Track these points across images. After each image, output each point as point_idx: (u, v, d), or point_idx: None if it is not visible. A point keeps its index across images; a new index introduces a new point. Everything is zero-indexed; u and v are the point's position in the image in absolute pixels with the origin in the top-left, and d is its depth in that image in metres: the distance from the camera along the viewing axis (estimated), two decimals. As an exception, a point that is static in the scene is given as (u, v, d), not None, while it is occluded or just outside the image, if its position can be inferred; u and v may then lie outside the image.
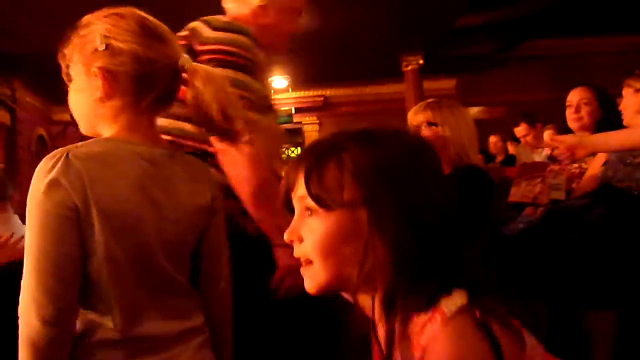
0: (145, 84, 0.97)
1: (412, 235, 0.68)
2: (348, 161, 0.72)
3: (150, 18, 1.00)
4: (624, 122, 2.20)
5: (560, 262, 1.76)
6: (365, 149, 0.73)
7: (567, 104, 2.44)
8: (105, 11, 0.98)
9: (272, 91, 1.51)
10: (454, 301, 0.66)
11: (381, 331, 0.72)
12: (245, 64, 1.39)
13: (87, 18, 0.99)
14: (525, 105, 5.58)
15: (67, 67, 1.00)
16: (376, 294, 0.72)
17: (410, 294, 0.67)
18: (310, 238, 0.73)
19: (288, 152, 9.41)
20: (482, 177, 1.96)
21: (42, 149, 7.52)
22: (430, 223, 0.69)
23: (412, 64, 7.05)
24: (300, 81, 8.19)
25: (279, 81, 8.15)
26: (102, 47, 0.94)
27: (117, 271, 0.91)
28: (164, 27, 1.01)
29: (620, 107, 2.25)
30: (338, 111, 8.71)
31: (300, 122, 8.92)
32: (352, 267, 0.71)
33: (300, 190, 0.75)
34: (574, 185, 2.23)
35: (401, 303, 0.68)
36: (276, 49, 1.62)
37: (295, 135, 9.16)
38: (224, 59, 1.36)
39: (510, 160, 4.88)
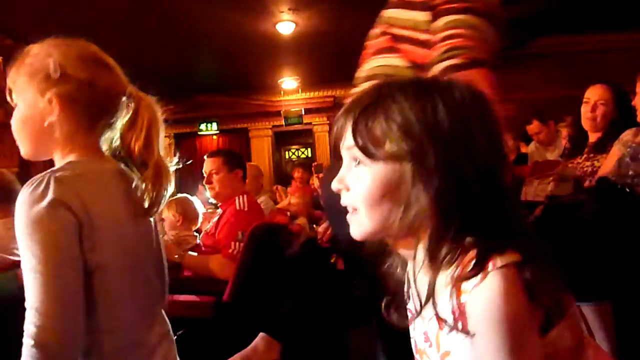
0: (98, 110, 1.00)
1: (456, 188, 0.69)
2: (396, 114, 0.72)
3: (99, 50, 1.03)
4: (639, 119, 2.17)
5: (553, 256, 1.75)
6: (415, 102, 0.73)
7: (584, 100, 2.40)
8: (54, 41, 1.00)
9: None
10: (506, 257, 0.66)
11: (421, 280, 0.73)
12: (484, 11, 1.40)
13: (33, 46, 1.00)
14: (536, 103, 5.52)
15: (11, 89, 1.01)
16: (420, 243, 0.73)
17: (456, 244, 0.69)
18: (356, 187, 0.75)
19: (298, 153, 9.43)
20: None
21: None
22: (473, 177, 0.70)
23: (422, 63, 7.01)
24: (310, 82, 8.18)
25: (288, 82, 8.17)
26: (56, 75, 0.96)
27: (118, 282, 0.94)
28: (111, 59, 1.04)
29: (634, 103, 2.22)
30: (348, 112, 8.69)
31: (310, 123, 8.93)
32: (395, 215, 0.73)
33: (348, 140, 0.76)
34: (586, 184, 2.20)
35: (446, 253, 0.69)
36: None
37: (305, 135, 9.17)
38: (463, 7, 1.37)
39: (522, 158, 4.83)
